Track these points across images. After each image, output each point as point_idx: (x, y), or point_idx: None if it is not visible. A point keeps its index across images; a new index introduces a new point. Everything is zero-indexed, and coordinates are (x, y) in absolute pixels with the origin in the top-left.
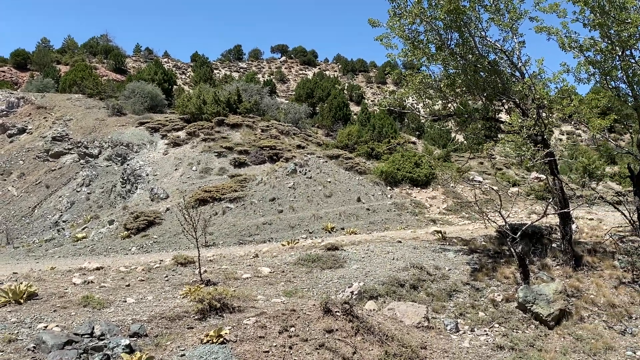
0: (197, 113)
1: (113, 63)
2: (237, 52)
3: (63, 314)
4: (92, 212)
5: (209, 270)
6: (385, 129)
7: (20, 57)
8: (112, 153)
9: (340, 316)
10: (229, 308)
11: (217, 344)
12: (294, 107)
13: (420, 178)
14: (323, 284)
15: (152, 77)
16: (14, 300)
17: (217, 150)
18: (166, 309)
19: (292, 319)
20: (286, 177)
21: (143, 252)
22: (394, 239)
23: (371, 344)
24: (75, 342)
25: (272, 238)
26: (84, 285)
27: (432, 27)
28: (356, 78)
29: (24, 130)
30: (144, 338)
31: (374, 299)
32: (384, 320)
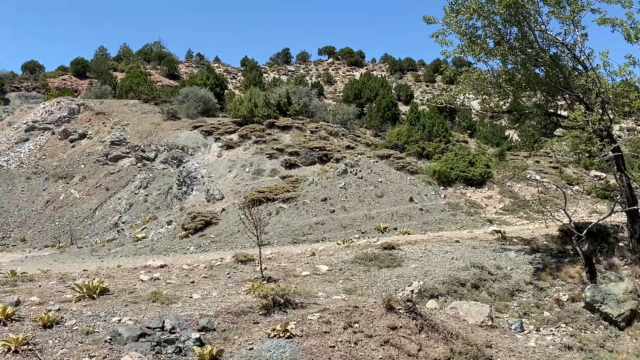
0: (248, 116)
1: (166, 69)
2: (285, 56)
3: (134, 308)
4: (150, 213)
5: (269, 267)
6: (435, 128)
7: (80, 65)
8: (168, 156)
9: (404, 314)
10: (292, 304)
11: (284, 339)
12: (342, 108)
13: (475, 177)
14: (382, 282)
15: (204, 82)
16: (88, 295)
17: (268, 152)
18: (231, 305)
19: (356, 315)
20: (337, 177)
21: (201, 251)
22: (451, 238)
23: (436, 342)
24: (148, 335)
25: (325, 238)
26: (150, 281)
27: (491, 22)
28: (404, 77)
29: (85, 135)
30: (212, 332)
31: (434, 298)
32: (446, 319)
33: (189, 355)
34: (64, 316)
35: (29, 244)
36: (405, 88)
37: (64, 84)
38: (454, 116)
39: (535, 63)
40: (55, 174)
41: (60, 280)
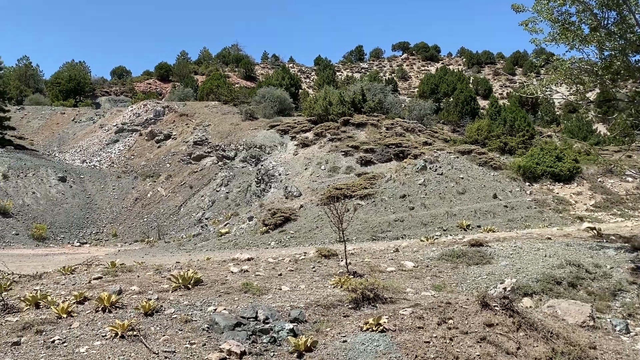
0: (323, 114)
1: (243, 71)
2: (358, 53)
3: (227, 298)
4: (231, 209)
5: (353, 262)
6: (517, 122)
7: (163, 69)
8: (247, 155)
9: (499, 311)
10: (381, 299)
11: (377, 332)
12: (418, 104)
13: (562, 173)
14: (471, 279)
15: (279, 83)
16: (183, 285)
17: (343, 150)
18: (320, 298)
19: (449, 311)
20: (416, 173)
21: (281, 246)
22: (541, 235)
23: (535, 340)
24: (243, 324)
25: (405, 235)
26: (240, 273)
27: (586, 7)
28: (482, 71)
29: (169, 136)
30: (303, 324)
31: (528, 296)
32: (544, 318)
33: (283, 345)
34: (163, 305)
35: (120, 238)
36: (483, 82)
37: (149, 87)
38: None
39: (636, 49)
40: (143, 173)
41: (156, 271)
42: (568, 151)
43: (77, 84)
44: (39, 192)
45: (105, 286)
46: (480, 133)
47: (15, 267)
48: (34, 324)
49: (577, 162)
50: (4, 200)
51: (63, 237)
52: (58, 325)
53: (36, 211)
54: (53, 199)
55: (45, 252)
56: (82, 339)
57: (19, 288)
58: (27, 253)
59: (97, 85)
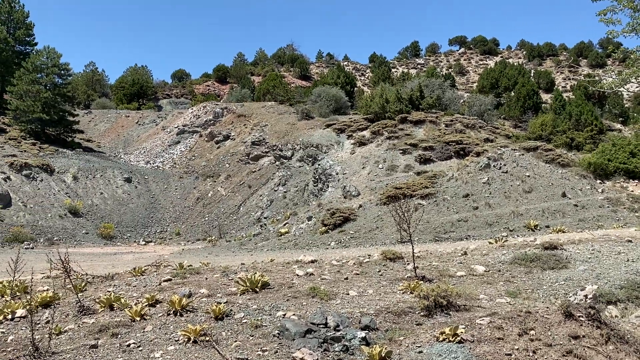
0: (379, 112)
1: (299, 70)
2: (413, 49)
3: (295, 303)
4: (289, 209)
5: (419, 266)
6: (584, 116)
7: (221, 71)
8: (304, 154)
9: (585, 321)
10: (454, 306)
11: (454, 343)
12: (478, 99)
13: (637, 169)
14: (547, 285)
15: (335, 81)
16: (251, 289)
17: (401, 148)
18: (390, 304)
19: (530, 321)
20: (479, 172)
21: (342, 246)
22: (621, 237)
23: (627, 355)
24: (314, 331)
25: (469, 236)
26: (306, 277)
27: None
28: (543, 64)
29: (228, 136)
30: (375, 332)
31: (612, 304)
32: (632, 329)
33: (356, 354)
34: (232, 309)
35: (183, 237)
36: (545, 75)
37: (207, 89)
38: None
39: None
40: (203, 173)
41: (223, 274)
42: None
43: (140, 88)
44: (106, 192)
45: (175, 288)
46: (544, 128)
47: (87, 266)
48: (109, 326)
49: None
50: (74, 200)
51: (129, 235)
52: (132, 329)
53: (104, 211)
54: (119, 199)
55: (114, 250)
56: (156, 344)
57: (93, 289)
58: (96, 252)
59: (158, 89)
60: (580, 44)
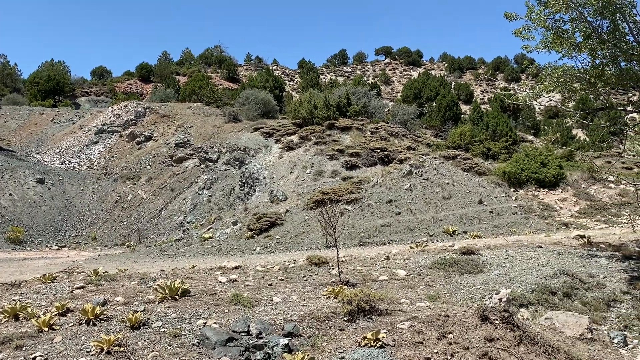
0: (308, 117)
1: (226, 72)
2: (341, 57)
3: (217, 311)
4: (213, 213)
5: (344, 271)
6: (500, 127)
7: (144, 70)
8: (230, 157)
9: (500, 324)
10: (377, 311)
11: (376, 348)
12: (402, 108)
13: (547, 179)
14: (465, 289)
15: (263, 85)
16: (170, 296)
17: (329, 153)
18: (313, 309)
19: (448, 325)
20: (402, 178)
21: (267, 252)
22: (532, 243)
23: (537, 356)
24: (235, 339)
25: (392, 240)
26: (229, 283)
27: (580, 15)
28: (463, 76)
29: (150, 137)
30: (298, 338)
31: (524, 307)
32: (542, 331)
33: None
34: (150, 317)
35: (99, 242)
36: (465, 87)
37: (130, 88)
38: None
39: (628, 57)
40: (123, 175)
41: (141, 281)
42: (552, 157)
43: (57, 84)
44: (16, 193)
45: (89, 296)
46: (463, 138)
47: None
48: (13, 338)
49: (562, 168)
50: None
51: (41, 240)
52: (39, 340)
53: (13, 213)
54: (31, 200)
55: (23, 256)
56: (66, 355)
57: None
58: (3, 257)
59: (76, 86)
60: (497, 59)
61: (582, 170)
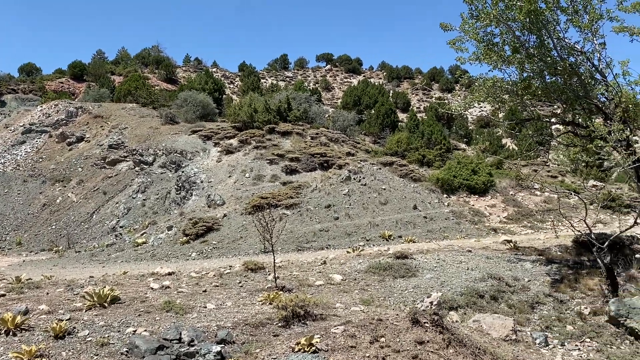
0: (248, 121)
1: (164, 73)
2: (283, 62)
3: (148, 318)
4: (148, 218)
5: (280, 276)
6: (434, 135)
7: (77, 68)
8: (166, 160)
9: (430, 327)
10: (312, 316)
11: (310, 353)
12: (342, 115)
13: (478, 185)
14: (398, 293)
15: (202, 87)
16: (99, 304)
17: (268, 158)
18: (248, 316)
19: (381, 329)
20: (340, 184)
21: (203, 257)
22: (462, 248)
23: (464, 357)
24: (166, 347)
25: (330, 245)
26: (162, 290)
27: (509, 29)
28: (401, 85)
29: (82, 138)
30: (231, 345)
31: (454, 309)
32: (470, 333)
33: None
34: (76, 326)
35: (25, 247)
36: (402, 96)
37: (61, 86)
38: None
39: (553, 71)
40: (52, 177)
41: (67, 288)
42: (483, 165)
43: None
44: None
45: (10, 305)
46: (400, 145)
47: None
48: None
49: (491, 176)
50: None
51: None
52: None
53: None
54: None
55: None
56: None
57: None
58: None
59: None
60: (433, 69)
61: (510, 178)
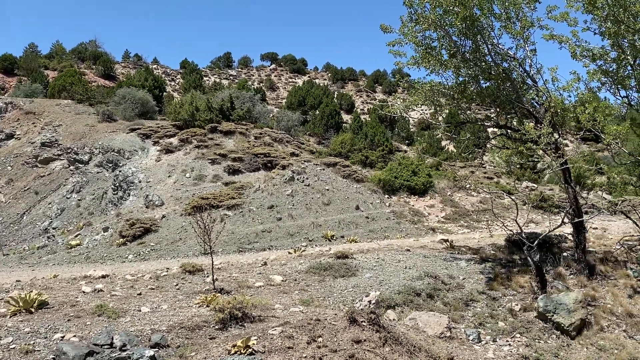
0: (189, 120)
1: (102, 69)
2: (226, 60)
3: (78, 323)
4: (83, 218)
5: (220, 278)
6: (377, 137)
7: (7, 62)
8: (103, 159)
9: (367, 326)
10: (249, 317)
11: (246, 355)
12: (286, 115)
13: (417, 186)
14: (338, 292)
15: (142, 84)
16: (25, 309)
17: (210, 157)
18: (184, 319)
19: (319, 329)
20: (284, 184)
21: (140, 259)
22: (401, 247)
23: (400, 355)
24: (96, 353)
25: (272, 246)
26: (94, 293)
27: (446, 34)
28: (345, 87)
29: (12, 135)
30: (166, 349)
31: (391, 308)
32: (406, 330)
33: None
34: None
35: None
36: (347, 97)
37: None
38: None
39: (487, 76)
40: None
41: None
42: (422, 166)
43: None
44: None
45: None
46: (344, 146)
47: None
48: None
49: (430, 177)
50: None
51: None
52: None
53: None
54: None
55: None
56: None
57: None
58: None
59: None
60: (376, 72)
61: (449, 179)
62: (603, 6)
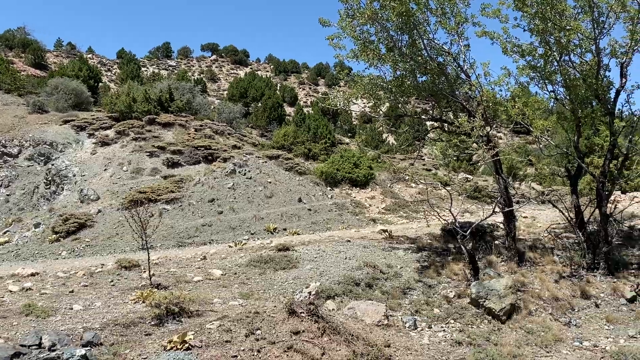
0: (126, 111)
1: (32, 58)
2: (165, 50)
3: (3, 324)
4: (12, 215)
5: (157, 273)
6: (320, 129)
7: None
8: (34, 152)
9: (306, 317)
10: (187, 312)
11: (182, 350)
12: (228, 107)
13: (359, 178)
14: (278, 285)
15: (76, 74)
16: None
17: (148, 150)
18: (118, 316)
19: (257, 321)
20: (225, 177)
21: (75, 256)
22: (342, 238)
23: (338, 344)
24: (23, 354)
25: (213, 240)
26: (22, 292)
27: (384, 28)
28: (288, 79)
29: None
30: (99, 347)
31: (331, 298)
32: (345, 320)
33: None
34: None
35: None
36: (289, 90)
37: None
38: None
39: (423, 70)
40: None
41: None
42: (364, 158)
43: None
44: None
45: None
46: (286, 139)
47: None
48: None
49: (372, 169)
50: None
51: None
52: None
53: None
54: None
55: None
56: None
57: None
58: None
59: None
60: (319, 65)
61: (389, 171)
62: (532, 4)
